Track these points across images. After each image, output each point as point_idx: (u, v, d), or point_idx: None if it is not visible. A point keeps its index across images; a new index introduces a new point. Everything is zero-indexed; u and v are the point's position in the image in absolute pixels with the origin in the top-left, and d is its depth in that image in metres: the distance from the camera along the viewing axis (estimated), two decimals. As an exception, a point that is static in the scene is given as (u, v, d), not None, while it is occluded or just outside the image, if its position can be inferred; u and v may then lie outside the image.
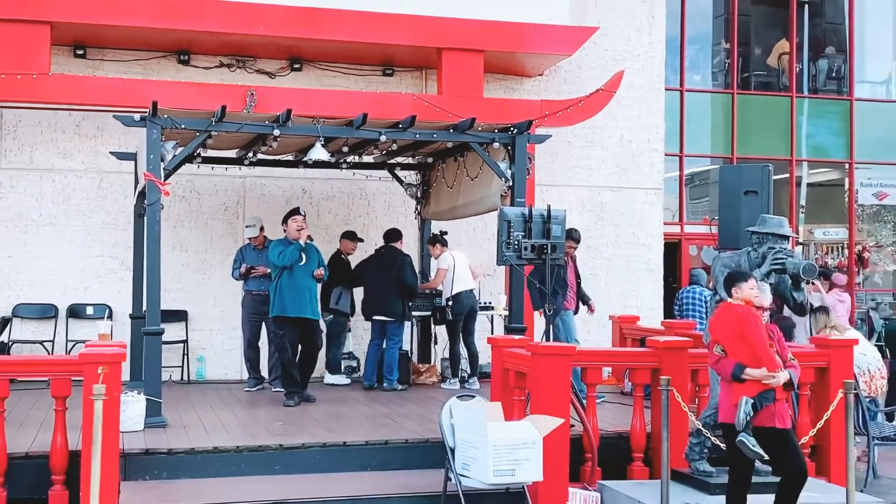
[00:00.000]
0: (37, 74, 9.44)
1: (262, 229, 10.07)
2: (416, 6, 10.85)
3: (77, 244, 10.38)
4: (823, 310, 10.63)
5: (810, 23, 17.02)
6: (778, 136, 16.45)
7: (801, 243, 16.00)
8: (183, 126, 7.80)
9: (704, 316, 8.34)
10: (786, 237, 6.73)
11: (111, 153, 9.70)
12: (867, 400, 8.83)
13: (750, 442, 5.31)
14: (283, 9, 10.27)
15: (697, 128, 16.39)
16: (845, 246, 16.55)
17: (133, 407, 6.90)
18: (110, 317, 10.05)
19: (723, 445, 6.43)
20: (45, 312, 10.03)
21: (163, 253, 7.77)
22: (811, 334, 9.80)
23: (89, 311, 10.18)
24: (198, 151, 8.47)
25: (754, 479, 6.14)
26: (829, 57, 17.09)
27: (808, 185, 17.07)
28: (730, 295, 5.53)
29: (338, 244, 10.73)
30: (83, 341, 8.58)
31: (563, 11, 11.44)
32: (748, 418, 5.30)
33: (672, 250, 14.41)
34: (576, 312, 9.93)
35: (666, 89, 14.07)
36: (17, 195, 10.22)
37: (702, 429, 6.59)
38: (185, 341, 10.56)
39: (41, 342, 9.91)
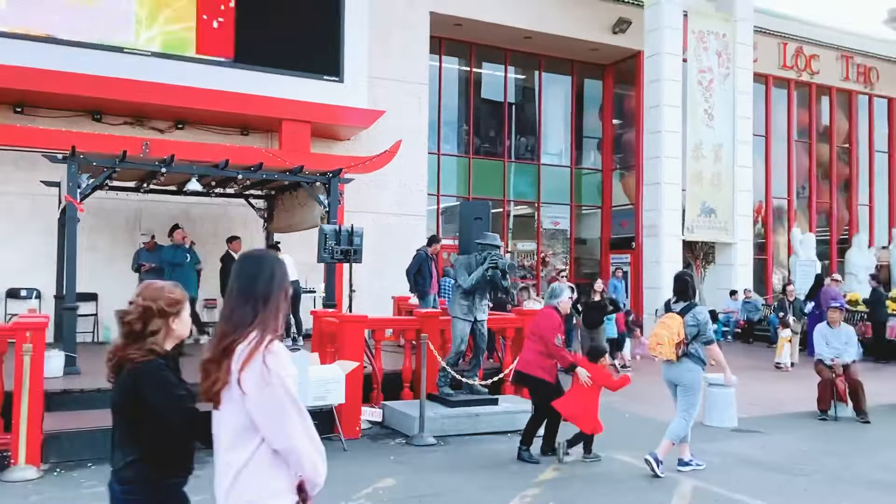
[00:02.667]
0: None
1: (153, 237, 10.94)
2: (266, 89, 11.94)
3: (14, 245, 10.96)
4: (526, 289, 12.47)
5: (515, 115, 19.92)
6: (495, 184, 19.20)
7: (508, 251, 18.25)
8: (94, 163, 8.38)
9: (454, 296, 8.15)
10: (498, 246, 7.76)
11: (41, 181, 10.26)
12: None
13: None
14: (170, 86, 11.19)
15: (448, 178, 18.47)
16: (535, 254, 19.46)
17: (54, 360, 7.37)
18: (38, 297, 10.90)
19: (461, 378, 7.95)
20: None
21: (78, 252, 8.33)
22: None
23: (23, 293, 10.86)
24: (106, 182, 8.93)
25: None
26: (525, 136, 20.01)
27: (514, 215, 19.63)
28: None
29: (215, 248, 11.58)
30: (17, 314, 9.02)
31: (363, 99, 12.79)
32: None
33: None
34: (436, 300, 10.83)
35: (428, 153, 15.95)
36: None
37: (446, 367, 7.74)
38: (96, 314, 11.35)
39: None
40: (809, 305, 14.08)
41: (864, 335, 13.83)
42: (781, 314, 13.99)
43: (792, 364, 12.76)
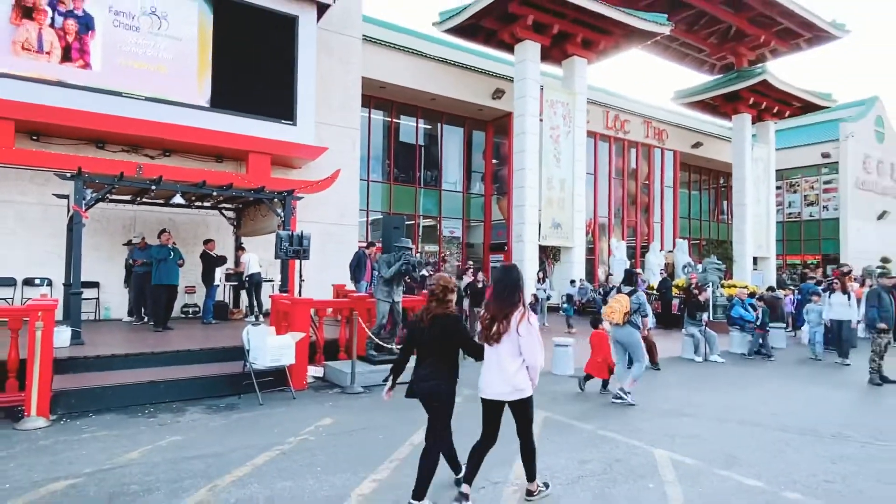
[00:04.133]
0: (5, 148, 9.42)
1: (143, 238, 10.39)
2: (237, 128, 11.40)
3: (29, 244, 10.27)
4: (431, 277, 12.54)
5: (424, 154, 19.83)
6: (409, 203, 19.27)
7: (417, 252, 18.00)
8: (97, 181, 8.17)
9: (378, 283, 7.99)
10: (410, 248, 7.86)
11: (53, 194, 9.76)
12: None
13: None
14: (160, 123, 10.58)
15: (374, 197, 18.43)
16: (437, 254, 19.61)
17: (62, 334, 7.22)
18: (50, 285, 10.22)
19: (382, 343, 7.84)
20: (8, 283, 9.98)
21: (83, 250, 8.05)
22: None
23: (36, 282, 10.16)
24: (106, 196, 8.55)
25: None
26: (430, 170, 20.04)
27: (422, 226, 19.71)
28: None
29: (195, 248, 11.21)
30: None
31: (311, 138, 12.33)
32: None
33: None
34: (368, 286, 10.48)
35: (360, 179, 15.58)
36: None
37: (371, 335, 7.88)
38: (97, 298, 10.88)
39: (4, 299, 9.72)
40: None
41: (656, 310, 14.54)
42: (604, 295, 14.62)
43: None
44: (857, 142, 28.64)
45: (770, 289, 16.17)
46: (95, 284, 10.81)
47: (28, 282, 10.21)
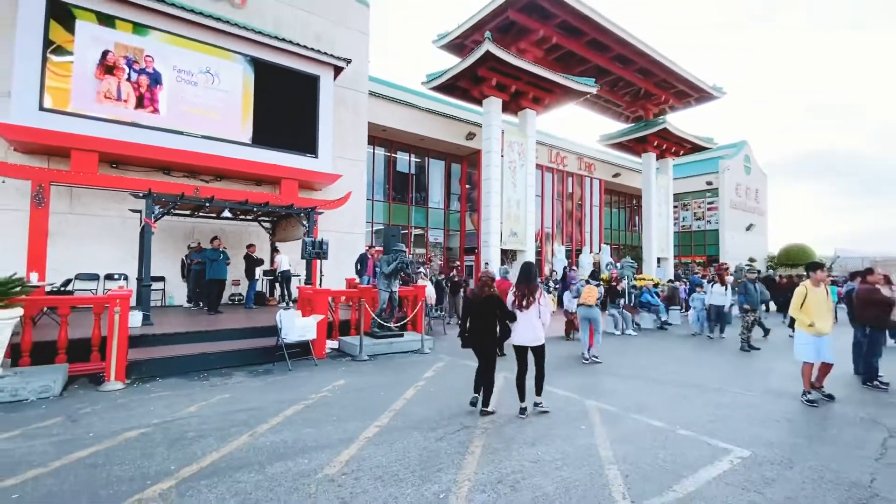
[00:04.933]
0: (91, 173, 9.03)
1: (199, 243, 10.24)
2: (272, 160, 11.06)
3: (110, 247, 9.92)
4: (419, 273, 10.90)
5: (415, 181, 19.32)
6: (404, 217, 18.85)
7: (410, 253, 17.61)
8: (163, 199, 8.04)
9: (380, 277, 7.70)
10: (404, 251, 7.72)
11: (129, 209, 9.66)
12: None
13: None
14: (213, 156, 10.26)
15: (377, 213, 17.95)
16: (424, 255, 19.07)
17: (135, 317, 7.03)
18: (126, 279, 9.82)
19: (382, 322, 7.55)
20: (93, 277, 9.57)
21: (153, 252, 7.90)
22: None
23: (116, 276, 9.77)
24: (171, 210, 8.41)
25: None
26: (420, 192, 19.45)
27: (414, 234, 19.14)
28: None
29: (240, 251, 11.05)
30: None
31: (329, 168, 11.93)
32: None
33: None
34: (369, 280, 10.11)
35: (367, 199, 15.46)
36: (80, 228, 9.68)
37: (375, 317, 7.73)
38: (163, 290, 10.42)
39: (89, 290, 9.42)
40: (559, 284, 14.60)
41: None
42: (549, 287, 14.61)
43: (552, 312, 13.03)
44: (731, 173, 29.16)
45: (670, 281, 16.37)
46: (162, 279, 10.52)
47: (109, 276, 9.85)
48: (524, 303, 4.61)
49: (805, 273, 5.66)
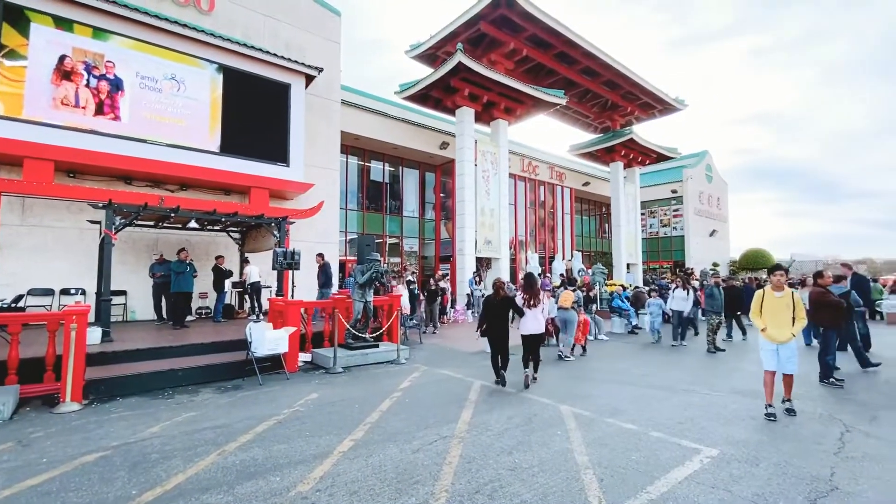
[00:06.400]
0: (45, 183, 8.52)
1: (162, 255, 9.95)
2: (241, 168, 10.76)
3: (66, 261, 9.43)
4: (392, 281, 10.89)
5: (389, 189, 19.15)
6: (378, 226, 18.44)
7: (384, 262, 17.43)
8: (125, 210, 7.66)
9: (354, 287, 7.68)
10: (378, 260, 7.61)
11: (88, 220, 9.28)
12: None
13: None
14: (179, 164, 9.89)
15: (350, 222, 17.56)
16: (400, 264, 18.85)
17: (94, 333, 6.77)
18: (83, 293, 9.37)
19: (357, 333, 7.50)
20: (48, 292, 9.06)
21: (112, 265, 7.49)
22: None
23: (72, 291, 9.30)
24: (133, 221, 8.15)
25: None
26: (394, 200, 19.31)
27: (389, 243, 18.82)
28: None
29: (207, 262, 10.72)
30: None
31: (301, 176, 11.61)
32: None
33: (342, 266, 15.38)
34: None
35: (340, 208, 15.22)
36: (33, 240, 9.15)
37: (349, 328, 7.60)
38: (125, 304, 9.99)
39: (43, 306, 8.86)
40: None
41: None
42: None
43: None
44: (694, 182, 30.08)
45: (636, 287, 16.79)
46: (123, 292, 10.06)
47: (65, 291, 9.32)
48: (532, 302, 6.15)
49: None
